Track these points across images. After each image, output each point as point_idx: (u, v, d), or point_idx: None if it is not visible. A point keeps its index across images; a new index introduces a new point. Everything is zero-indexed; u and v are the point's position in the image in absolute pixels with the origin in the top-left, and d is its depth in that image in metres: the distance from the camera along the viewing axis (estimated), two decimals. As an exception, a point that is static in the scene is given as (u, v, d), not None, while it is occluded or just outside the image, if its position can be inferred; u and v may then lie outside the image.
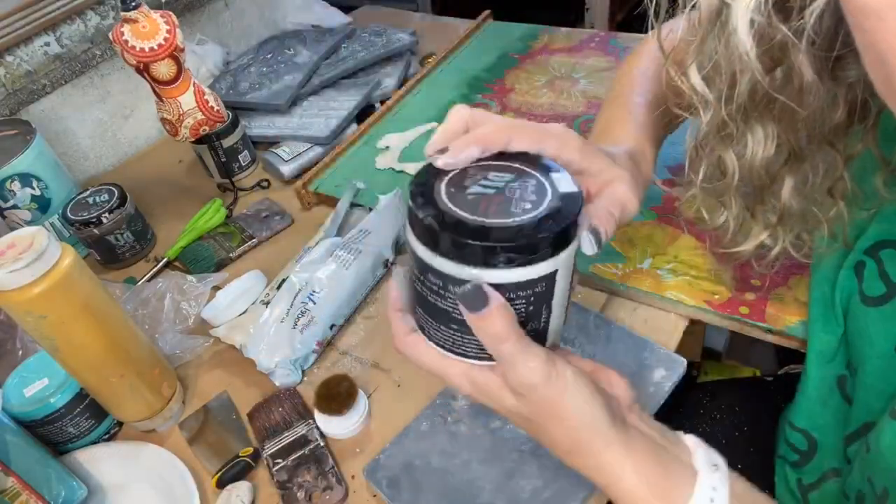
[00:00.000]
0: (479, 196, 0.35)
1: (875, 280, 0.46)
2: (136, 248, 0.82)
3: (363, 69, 1.03)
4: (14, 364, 0.62)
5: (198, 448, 0.61)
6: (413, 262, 0.37)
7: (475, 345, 0.37)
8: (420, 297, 0.37)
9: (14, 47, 0.86)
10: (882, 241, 0.46)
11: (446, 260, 0.33)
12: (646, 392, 0.56)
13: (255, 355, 0.62)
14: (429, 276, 0.35)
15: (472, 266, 0.33)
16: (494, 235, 0.32)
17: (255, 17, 1.17)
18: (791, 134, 0.39)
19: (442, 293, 0.35)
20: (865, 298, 0.47)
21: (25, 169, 0.77)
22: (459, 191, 0.35)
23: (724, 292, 0.61)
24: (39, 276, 0.48)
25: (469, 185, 0.36)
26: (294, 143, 0.91)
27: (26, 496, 0.52)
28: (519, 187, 0.35)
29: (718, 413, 0.71)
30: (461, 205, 0.34)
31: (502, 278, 0.34)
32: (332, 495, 0.54)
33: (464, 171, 0.37)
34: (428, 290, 0.36)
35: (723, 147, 0.42)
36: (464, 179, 0.36)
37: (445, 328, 0.37)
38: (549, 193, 0.35)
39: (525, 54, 1.01)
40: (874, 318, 0.46)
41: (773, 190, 0.43)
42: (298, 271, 0.66)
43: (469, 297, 0.33)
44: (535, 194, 0.35)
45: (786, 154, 0.40)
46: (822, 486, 0.54)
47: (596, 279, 0.66)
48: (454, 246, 0.33)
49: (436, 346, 0.39)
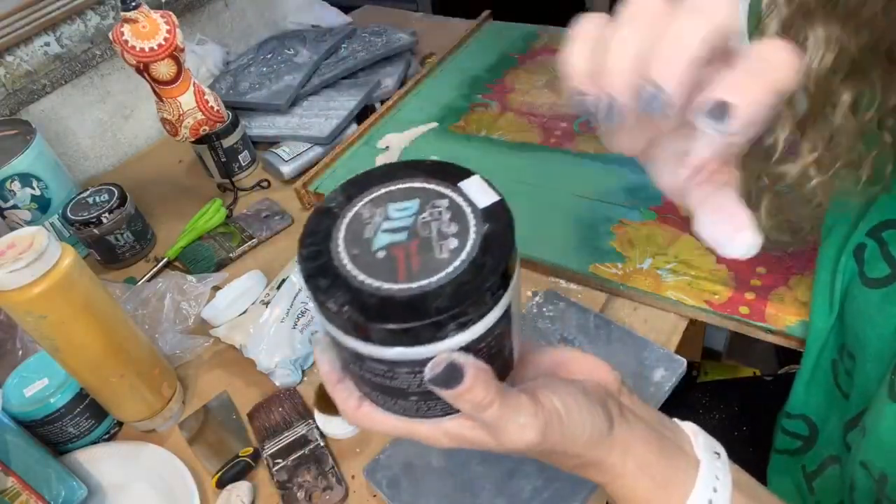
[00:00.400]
0: (391, 248, 0.28)
1: (878, 261, 0.45)
2: (136, 248, 0.82)
3: (363, 69, 1.02)
4: (14, 364, 0.62)
5: (198, 448, 0.61)
6: (340, 349, 0.30)
7: (442, 405, 0.31)
8: (361, 378, 0.31)
9: (14, 47, 0.86)
10: (885, 221, 0.45)
11: (386, 347, 0.27)
12: (646, 392, 0.56)
13: (255, 355, 0.62)
14: (367, 363, 0.29)
15: (422, 345, 0.27)
16: (437, 306, 0.26)
17: (255, 17, 1.17)
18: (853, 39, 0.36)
19: (390, 375, 0.29)
20: (867, 280, 0.46)
21: (25, 169, 0.77)
22: (363, 247, 0.28)
23: (724, 292, 0.61)
24: (39, 276, 0.48)
25: (371, 234, 0.29)
26: (294, 143, 0.91)
27: (26, 496, 0.52)
28: (431, 218, 0.29)
29: (718, 413, 0.71)
30: (376, 270, 0.27)
31: (460, 342, 0.28)
32: (332, 495, 0.54)
33: (357, 213, 0.30)
34: (370, 374, 0.30)
35: None
36: (362, 227, 0.29)
37: (403, 401, 0.31)
38: (469, 215, 0.29)
39: (525, 54, 1.01)
40: (876, 299, 0.45)
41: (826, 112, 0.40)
42: (298, 271, 0.66)
43: (440, 379, 0.28)
44: (454, 220, 0.29)
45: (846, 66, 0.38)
46: (823, 474, 0.54)
47: (596, 279, 0.66)
48: (392, 334, 0.26)
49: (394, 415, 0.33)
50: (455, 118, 0.91)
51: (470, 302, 0.26)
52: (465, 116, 0.91)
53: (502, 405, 0.30)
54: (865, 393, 0.47)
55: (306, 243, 0.29)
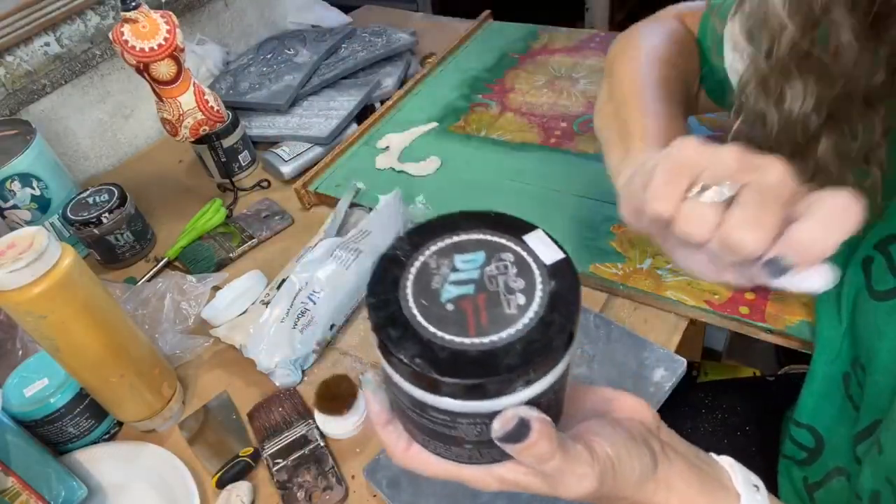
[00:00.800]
0: (460, 300, 0.28)
1: (884, 274, 0.45)
2: (136, 248, 0.82)
3: (363, 69, 1.02)
4: (14, 364, 0.62)
5: (198, 448, 0.61)
6: (400, 395, 0.30)
7: (496, 453, 0.31)
8: (416, 424, 0.31)
9: (14, 47, 0.86)
10: (892, 235, 0.45)
11: (452, 399, 0.28)
12: (646, 392, 0.56)
13: (255, 355, 0.62)
14: (429, 412, 0.29)
15: (488, 399, 0.28)
16: (507, 363, 0.26)
17: (255, 17, 1.17)
18: (830, 91, 0.38)
19: (451, 424, 0.30)
20: (874, 293, 0.46)
21: (25, 169, 0.77)
22: (432, 299, 0.28)
23: (724, 292, 0.61)
24: (39, 276, 0.48)
25: (439, 285, 0.29)
26: (294, 143, 0.91)
27: (26, 496, 0.52)
28: (498, 272, 0.29)
29: (719, 413, 0.71)
30: (446, 323, 0.27)
31: (525, 397, 0.28)
32: (332, 495, 0.54)
33: (424, 263, 0.30)
34: (429, 421, 0.30)
35: (763, 100, 0.41)
36: (430, 277, 0.29)
37: (457, 448, 0.32)
38: (535, 272, 0.29)
39: (525, 54, 1.01)
40: (884, 312, 0.45)
41: (809, 150, 0.42)
42: (298, 271, 0.66)
43: (511, 435, 0.28)
44: (521, 275, 0.29)
45: (824, 112, 0.39)
46: (827, 485, 0.54)
47: (596, 279, 0.66)
48: (461, 388, 0.27)
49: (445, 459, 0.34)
50: (455, 118, 0.91)
51: (539, 361, 0.27)
52: (465, 116, 0.91)
53: (563, 457, 0.30)
54: (875, 405, 0.47)
55: (375, 291, 0.29)
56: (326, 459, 0.57)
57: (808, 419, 0.55)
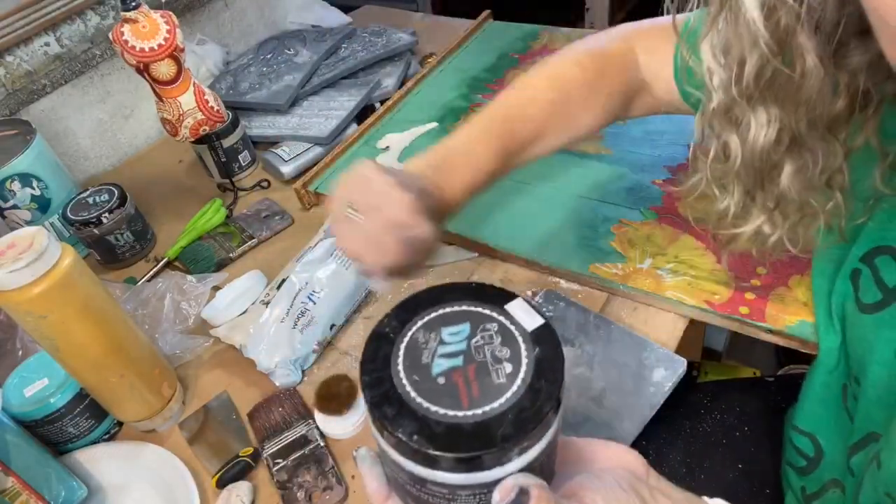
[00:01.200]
0: (450, 373, 0.29)
1: (871, 287, 0.46)
2: (136, 248, 0.82)
3: (363, 69, 1.02)
4: (14, 364, 0.62)
5: (198, 448, 0.61)
6: (397, 471, 0.31)
7: None
8: (416, 497, 0.32)
9: (14, 47, 0.86)
10: (876, 247, 0.46)
11: (450, 473, 0.28)
12: (646, 392, 0.56)
13: (255, 355, 0.62)
14: (428, 486, 0.30)
15: (486, 470, 0.28)
16: (502, 433, 0.27)
17: (255, 17, 1.17)
18: (792, 118, 0.39)
19: (449, 497, 0.30)
20: (863, 306, 0.47)
21: (25, 169, 0.77)
22: (424, 374, 0.29)
23: (724, 292, 0.61)
24: (39, 276, 0.48)
25: (429, 359, 0.30)
26: (294, 143, 0.91)
27: (26, 496, 0.52)
28: (484, 342, 0.30)
29: (719, 413, 0.71)
30: (439, 397, 0.28)
31: (521, 464, 0.29)
32: (332, 495, 0.54)
33: (413, 338, 0.31)
34: (428, 495, 0.30)
35: (728, 130, 0.42)
36: (419, 352, 0.30)
37: None
38: (519, 340, 0.30)
39: (525, 54, 1.01)
40: (872, 325, 0.46)
41: (772, 176, 0.43)
42: (298, 271, 0.66)
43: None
44: (506, 344, 0.30)
45: (787, 140, 0.41)
46: (824, 496, 0.54)
47: (596, 279, 0.66)
48: (459, 462, 0.27)
49: None
50: (455, 118, 0.91)
51: (531, 428, 0.28)
52: (465, 116, 0.91)
53: None
54: (868, 417, 0.47)
55: (367, 370, 0.30)
56: (326, 459, 0.57)
57: (808, 427, 0.55)
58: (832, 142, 0.41)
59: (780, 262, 0.62)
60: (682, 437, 0.69)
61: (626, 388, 0.57)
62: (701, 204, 0.49)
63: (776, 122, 0.39)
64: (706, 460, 0.66)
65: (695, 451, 0.67)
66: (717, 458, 0.67)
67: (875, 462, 0.45)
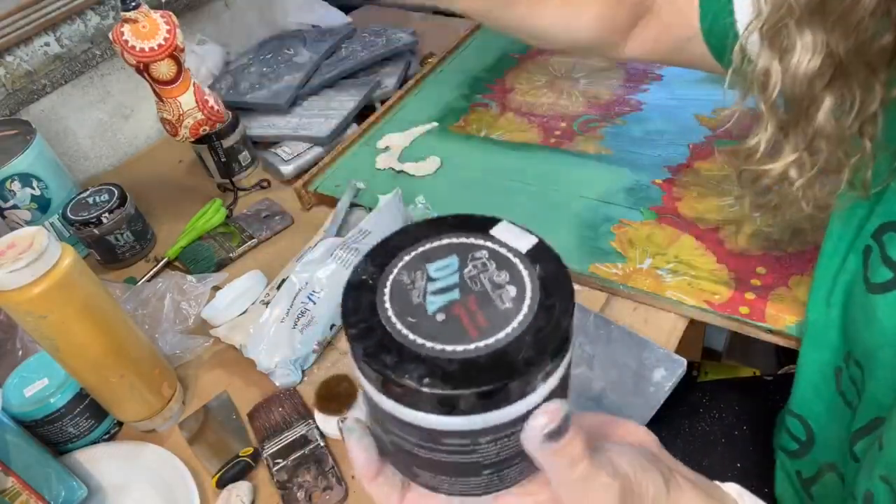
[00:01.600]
0: (448, 308, 0.26)
1: (879, 266, 0.45)
2: (136, 248, 0.82)
3: (363, 69, 1.02)
4: (14, 364, 0.62)
5: (198, 448, 0.61)
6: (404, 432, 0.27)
7: (515, 471, 0.28)
8: (424, 461, 0.28)
9: (14, 47, 0.86)
10: (885, 223, 0.45)
11: (469, 416, 0.24)
12: (646, 392, 0.56)
13: (255, 355, 0.62)
14: (443, 441, 0.26)
15: (511, 404, 0.25)
16: (524, 357, 0.24)
17: (255, 17, 1.17)
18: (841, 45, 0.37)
19: (469, 449, 0.26)
20: (871, 286, 0.46)
21: (25, 169, 0.77)
22: (418, 313, 0.26)
23: (724, 292, 0.61)
24: (39, 276, 0.48)
25: (421, 298, 0.26)
26: (294, 143, 0.91)
27: (26, 496, 0.52)
28: (478, 270, 0.27)
29: (718, 413, 0.71)
30: (443, 334, 0.25)
31: (545, 392, 0.25)
32: (332, 495, 0.54)
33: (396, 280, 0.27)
34: (443, 454, 0.27)
35: (770, 55, 0.41)
36: (407, 294, 0.27)
37: (474, 477, 0.28)
38: (516, 262, 0.27)
39: (525, 54, 1.01)
40: (882, 304, 0.44)
41: (809, 113, 0.41)
42: (298, 271, 0.66)
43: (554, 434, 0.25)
44: (502, 269, 0.27)
45: (829, 73, 0.39)
46: (821, 480, 0.54)
47: (596, 279, 0.66)
48: (482, 398, 0.24)
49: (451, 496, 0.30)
50: (455, 118, 0.91)
51: (555, 347, 0.25)
52: (465, 116, 0.91)
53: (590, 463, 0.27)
54: (875, 401, 0.46)
55: (353, 322, 0.26)
56: (326, 459, 0.57)
57: (800, 409, 0.55)
58: (872, 81, 0.39)
59: (781, 262, 0.62)
60: (682, 437, 0.69)
61: (626, 388, 0.57)
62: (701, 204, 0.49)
63: (822, 49, 0.38)
64: (705, 459, 0.67)
65: (694, 451, 0.68)
66: (716, 457, 0.67)
67: (878, 443, 0.44)
